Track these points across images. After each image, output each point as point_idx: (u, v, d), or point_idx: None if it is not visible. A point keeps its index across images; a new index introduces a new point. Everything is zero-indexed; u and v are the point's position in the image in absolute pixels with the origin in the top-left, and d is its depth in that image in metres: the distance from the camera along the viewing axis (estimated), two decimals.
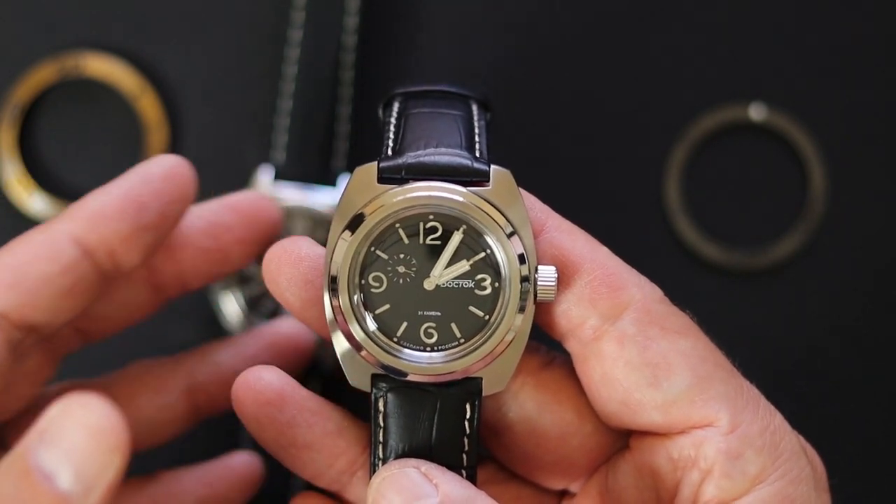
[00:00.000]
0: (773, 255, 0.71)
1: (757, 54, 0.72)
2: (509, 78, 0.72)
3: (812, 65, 0.72)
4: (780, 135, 0.71)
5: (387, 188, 0.50)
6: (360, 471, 0.53)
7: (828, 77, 0.72)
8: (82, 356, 0.71)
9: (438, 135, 0.51)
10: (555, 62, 0.72)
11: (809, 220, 0.71)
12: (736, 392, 0.51)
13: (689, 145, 0.71)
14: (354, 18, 0.70)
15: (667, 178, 0.72)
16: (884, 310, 0.71)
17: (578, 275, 0.51)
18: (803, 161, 0.71)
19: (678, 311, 0.52)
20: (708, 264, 0.71)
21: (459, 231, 0.50)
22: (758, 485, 0.49)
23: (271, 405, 0.52)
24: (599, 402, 0.52)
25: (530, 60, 0.72)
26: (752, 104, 0.71)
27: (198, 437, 0.71)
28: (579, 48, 0.72)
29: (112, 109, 0.72)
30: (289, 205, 0.69)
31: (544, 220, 0.52)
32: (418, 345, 0.51)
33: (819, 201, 0.71)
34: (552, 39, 0.72)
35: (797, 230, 0.71)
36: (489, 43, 0.72)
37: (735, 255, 0.71)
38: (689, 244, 0.71)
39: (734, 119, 0.71)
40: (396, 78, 0.72)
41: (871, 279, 0.71)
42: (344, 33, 0.70)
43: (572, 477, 0.54)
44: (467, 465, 0.52)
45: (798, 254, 0.71)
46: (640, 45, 0.72)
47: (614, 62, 0.72)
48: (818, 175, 0.71)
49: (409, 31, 0.72)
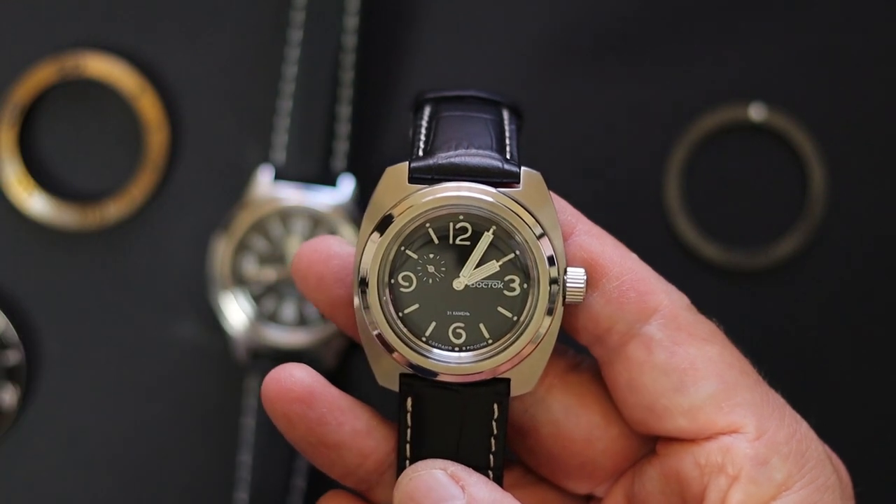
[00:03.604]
0: (773, 255, 0.71)
1: (757, 54, 0.72)
2: (509, 78, 0.72)
3: (812, 65, 0.72)
4: (780, 135, 0.72)
5: (417, 188, 0.50)
6: (388, 471, 0.53)
7: (828, 77, 0.72)
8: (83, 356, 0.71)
9: (469, 137, 0.51)
10: (555, 62, 0.72)
11: (809, 220, 0.71)
12: (762, 399, 0.51)
13: (689, 145, 0.72)
14: (354, 19, 0.70)
15: (667, 178, 0.72)
16: (884, 310, 0.72)
17: (607, 279, 0.51)
18: (803, 161, 0.72)
19: (705, 319, 0.52)
20: (708, 264, 0.72)
21: (489, 232, 0.50)
22: (784, 491, 0.50)
23: (302, 402, 0.52)
24: (626, 407, 0.52)
25: (530, 60, 0.72)
26: (752, 104, 0.72)
27: (198, 437, 0.71)
28: (580, 48, 0.72)
29: (112, 109, 0.72)
30: (289, 205, 0.69)
31: (574, 223, 0.52)
32: (447, 345, 0.51)
33: (819, 201, 0.71)
34: (552, 39, 0.72)
35: (797, 230, 0.71)
36: (490, 43, 0.72)
37: (735, 255, 0.71)
38: (689, 244, 0.71)
39: (734, 119, 0.71)
40: (396, 78, 0.72)
41: (871, 279, 0.72)
42: (344, 34, 0.70)
43: (597, 481, 0.54)
44: (494, 465, 0.52)
45: (798, 254, 0.72)
46: (640, 45, 0.72)
47: (615, 62, 0.72)
48: (818, 175, 0.71)
49: (410, 31, 0.72)
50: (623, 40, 0.72)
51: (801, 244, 0.71)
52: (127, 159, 0.72)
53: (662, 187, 0.72)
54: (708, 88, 0.72)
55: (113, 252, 0.72)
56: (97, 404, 0.71)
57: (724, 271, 0.72)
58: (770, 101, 0.72)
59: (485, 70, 0.72)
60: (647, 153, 0.72)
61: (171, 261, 0.72)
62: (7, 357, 0.70)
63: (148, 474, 0.71)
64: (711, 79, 0.72)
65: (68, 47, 0.71)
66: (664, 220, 0.72)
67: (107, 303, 0.71)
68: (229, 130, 0.72)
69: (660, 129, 0.72)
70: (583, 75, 0.72)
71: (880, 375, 0.72)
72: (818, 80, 0.72)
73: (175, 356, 0.71)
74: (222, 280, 0.69)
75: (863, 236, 0.72)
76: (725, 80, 0.72)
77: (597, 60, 0.72)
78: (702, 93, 0.72)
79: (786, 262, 0.71)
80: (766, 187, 0.72)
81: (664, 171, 0.72)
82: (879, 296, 0.72)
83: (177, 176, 0.72)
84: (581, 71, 0.72)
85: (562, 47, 0.72)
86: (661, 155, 0.72)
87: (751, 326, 0.72)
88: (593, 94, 0.72)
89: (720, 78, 0.72)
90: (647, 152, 0.72)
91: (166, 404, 0.71)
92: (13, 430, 0.71)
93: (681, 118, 0.72)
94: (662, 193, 0.72)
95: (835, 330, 0.72)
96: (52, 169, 0.72)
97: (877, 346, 0.72)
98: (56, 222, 0.71)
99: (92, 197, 0.71)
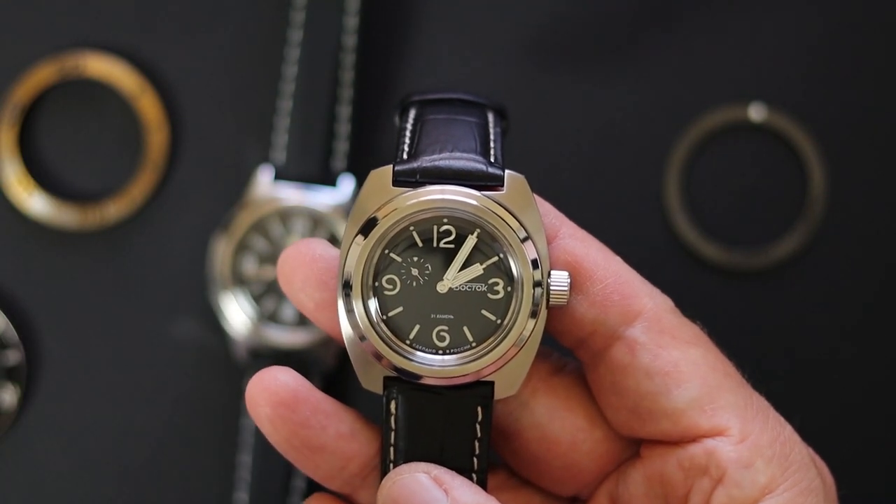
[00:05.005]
0: (773, 255, 0.71)
1: (757, 54, 0.72)
2: (509, 77, 0.72)
3: (812, 65, 0.72)
4: (780, 135, 0.71)
5: (401, 191, 0.50)
6: (372, 474, 0.53)
7: (828, 77, 0.72)
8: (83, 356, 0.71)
9: (454, 140, 0.51)
10: (555, 62, 0.72)
11: (809, 220, 0.71)
12: (746, 402, 0.51)
13: (689, 145, 0.71)
14: (354, 19, 0.70)
15: (667, 178, 0.72)
16: (884, 310, 0.71)
17: (591, 282, 0.51)
18: (803, 161, 0.71)
19: (689, 322, 0.52)
20: (708, 264, 0.72)
21: (473, 235, 0.50)
22: (767, 494, 0.50)
23: (285, 405, 0.52)
24: (610, 409, 0.52)
25: (530, 60, 0.72)
26: (752, 104, 0.71)
27: (198, 437, 0.71)
28: (579, 48, 0.72)
29: (112, 109, 0.72)
30: (289, 205, 0.69)
31: (558, 226, 0.52)
32: (430, 348, 0.51)
33: (819, 201, 0.71)
34: (552, 39, 0.72)
35: (797, 230, 0.71)
36: (490, 43, 0.72)
37: (735, 255, 0.71)
38: (689, 244, 0.71)
39: (734, 119, 0.71)
40: (396, 78, 0.72)
41: (871, 279, 0.72)
42: (344, 34, 0.70)
43: (582, 484, 0.54)
44: (478, 468, 0.52)
45: (798, 254, 0.71)
46: (640, 45, 0.72)
47: (614, 62, 0.72)
48: (818, 175, 0.71)
49: (410, 31, 0.72)
50: (623, 40, 0.72)
51: (801, 244, 0.71)
52: (127, 159, 0.72)
53: (662, 187, 0.72)
54: (708, 88, 0.72)
55: (113, 252, 0.72)
56: (97, 404, 0.71)
57: (724, 271, 0.71)
58: (770, 101, 0.71)
59: (485, 70, 0.72)
60: (647, 153, 0.72)
61: (172, 261, 0.72)
62: (7, 357, 0.70)
63: (148, 474, 0.71)
64: (711, 79, 0.72)
65: (68, 47, 0.72)
66: (664, 220, 0.72)
67: (107, 303, 0.71)
68: (229, 130, 0.72)
69: (660, 129, 0.72)
70: (583, 75, 0.72)
71: (881, 375, 0.71)
72: (818, 80, 0.72)
73: (175, 356, 0.72)
74: (222, 280, 0.70)
75: (863, 236, 0.72)
76: (725, 80, 0.72)
77: (597, 60, 0.72)
78: (702, 93, 0.72)
79: (786, 262, 0.71)
80: (766, 187, 0.72)
81: (664, 171, 0.72)
82: (879, 296, 0.72)
83: (177, 176, 0.72)
84: (581, 71, 0.72)
85: (562, 47, 0.72)
86: (661, 155, 0.72)
87: (750, 326, 0.71)
88: (593, 94, 0.72)
89: (720, 78, 0.72)
90: (646, 152, 0.72)
91: (166, 404, 0.71)
92: (13, 430, 0.71)
93: (681, 118, 0.72)
94: (662, 193, 0.72)
95: (834, 330, 0.72)
96: (52, 169, 0.72)
97: (877, 346, 0.71)
98: (56, 222, 0.71)
99: (92, 197, 0.72)
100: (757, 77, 0.72)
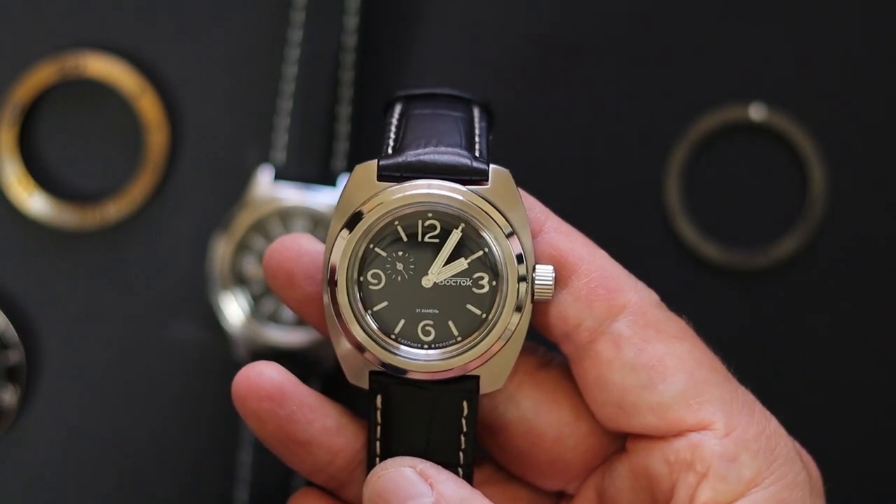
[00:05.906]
0: (773, 255, 0.71)
1: (757, 54, 0.72)
2: (510, 77, 0.72)
3: (812, 65, 0.72)
4: (780, 135, 0.71)
5: (386, 186, 0.50)
6: (359, 468, 0.53)
7: (828, 77, 0.72)
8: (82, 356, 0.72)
9: (439, 135, 0.51)
10: (555, 62, 0.72)
11: (809, 220, 0.71)
12: (731, 396, 0.51)
13: (689, 145, 0.71)
14: (354, 18, 0.70)
15: (667, 178, 0.72)
16: (884, 310, 0.71)
17: (576, 276, 0.51)
18: (803, 161, 0.71)
19: (674, 316, 0.52)
20: (708, 264, 0.71)
21: (458, 229, 0.50)
22: (753, 488, 0.50)
23: (271, 400, 0.52)
24: (595, 404, 0.52)
25: (531, 60, 0.72)
26: (752, 104, 0.71)
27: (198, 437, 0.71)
28: (580, 48, 0.72)
29: (112, 109, 0.72)
30: (289, 205, 0.69)
31: (543, 220, 0.52)
32: (416, 342, 0.51)
33: (819, 201, 0.71)
34: (553, 39, 0.72)
35: (797, 230, 0.71)
36: (490, 43, 0.72)
37: (735, 255, 0.71)
38: (689, 244, 0.71)
39: (734, 119, 0.71)
40: (397, 78, 0.72)
41: (871, 279, 0.71)
42: (344, 33, 0.70)
43: (568, 478, 0.54)
44: (464, 463, 0.52)
45: (798, 254, 0.71)
46: (640, 45, 0.72)
47: (614, 62, 0.72)
48: (818, 175, 0.71)
49: (410, 31, 0.72)
50: (624, 40, 0.72)
51: (801, 244, 0.71)
52: (127, 159, 0.72)
53: (662, 187, 0.72)
54: (708, 88, 0.72)
55: (113, 252, 0.72)
56: (97, 404, 0.71)
57: (724, 271, 0.71)
58: (770, 101, 0.71)
59: (485, 70, 0.72)
60: (647, 153, 0.72)
61: (171, 261, 0.72)
62: (7, 357, 0.70)
63: (148, 474, 0.71)
64: (711, 79, 0.72)
65: (68, 47, 0.72)
66: (664, 220, 0.72)
67: (107, 303, 0.72)
68: (229, 130, 0.72)
69: (660, 129, 0.72)
70: (583, 75, 0.72)
71: (880, 376, 0.71)
72: (818, 80, 0.72)
73: (175, 356, 0.72)
74: (222, 280, 0.70)
75: (863, 236, 0.71)
76: (725, 80, 0.72)
77: (597, 60, 0.72)
78: (702, 93, 0.72)
79: (786, 262, 0.71)
80: (766, 187, 0.72)
81: (664, 171, 0.72)
82: (879, 296, 0.71)
83: (177, 176, 0.72)
84: (581, 71, 0.72)
85: (562, 47, 0.72)
86: (661, 155, 0.72)
87: (750, 326, 0.71)
88: (593, 93, 0.72)
89: (720, 78, 0.72)
90: (647, 152, 0.72)
91: (166, 404, 0.72)
92: (13, 430, 0.71)
93: (681, 118, 0.72)
94: (662, 193, 0.72)
95: (834, 330, 0.71)
96: (52, 169, 0.72)
97: (877, 347, 0.71)
98: (56, 222, 0.71)
99: (92, 197, 0.72)
100: (757, 77, 0.72)
